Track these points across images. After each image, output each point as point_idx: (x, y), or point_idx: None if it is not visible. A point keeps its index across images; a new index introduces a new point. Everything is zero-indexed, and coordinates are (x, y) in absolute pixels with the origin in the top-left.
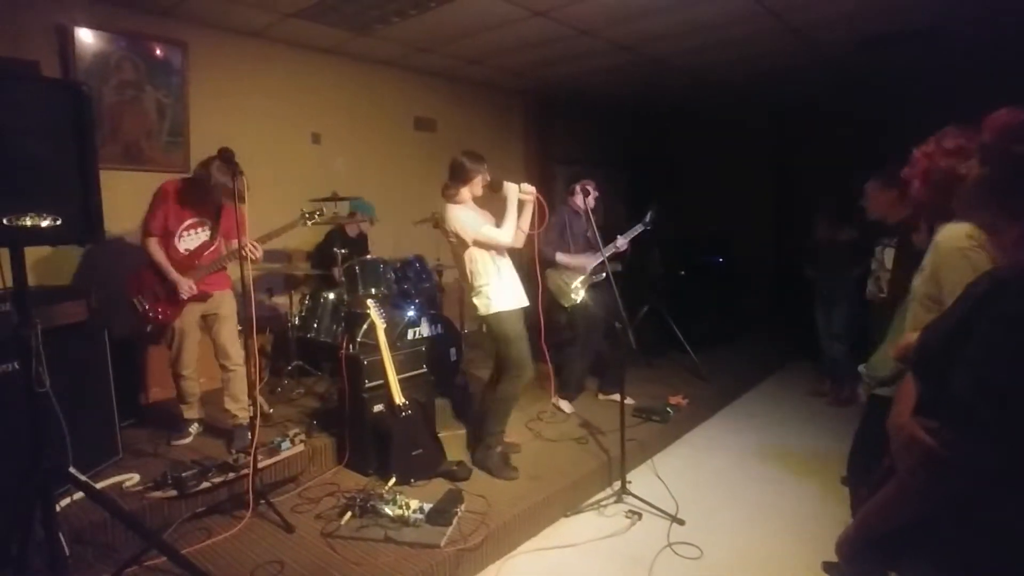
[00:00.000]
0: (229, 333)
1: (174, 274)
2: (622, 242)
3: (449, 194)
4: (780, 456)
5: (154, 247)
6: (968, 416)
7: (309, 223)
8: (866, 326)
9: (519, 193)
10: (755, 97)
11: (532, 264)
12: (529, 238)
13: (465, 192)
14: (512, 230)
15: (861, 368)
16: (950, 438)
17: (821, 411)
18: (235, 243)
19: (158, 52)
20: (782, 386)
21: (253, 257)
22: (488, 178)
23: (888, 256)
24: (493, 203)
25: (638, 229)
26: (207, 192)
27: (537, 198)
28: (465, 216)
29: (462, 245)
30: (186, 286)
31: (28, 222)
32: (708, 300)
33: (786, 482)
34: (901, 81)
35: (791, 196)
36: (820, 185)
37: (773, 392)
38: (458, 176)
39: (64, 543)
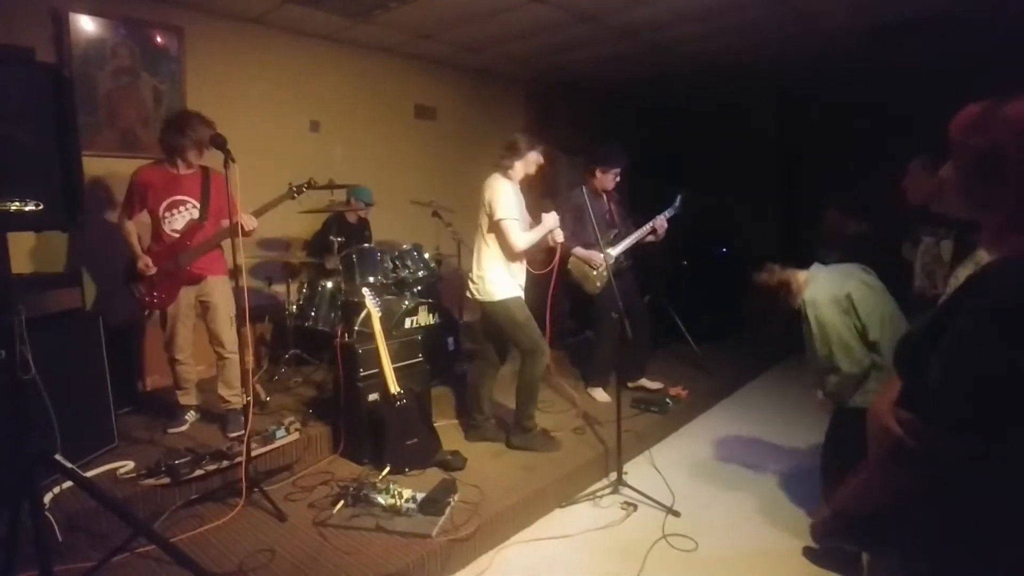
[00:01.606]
0: (222, 320)
1: (137, 250)
2: (660, 220)
3: (504, 165)
4: (779, 449)
5: (127, 227)
6: (938, 407)
7: (296, 195)
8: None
9: (552, 228)
10: (763, 86)
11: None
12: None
13: (519, 168)
14: (529, 243)
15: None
16: (919, 429)
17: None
18: (227, 222)
19: (155, 38)
20: (784, 379)
21: (248, 228)
22: (543, 161)
23: (946, 249)
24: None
25: (668, 214)
26: (180, 159)
27: (557, 249)
28: (506, 193)
29: (488, 221)
30: (142, 263)
31: (11, 207)
32: (711, 292)
33: (783, 475)
34: (915, 71)
35: (798, 187)
36: (829, 176)
37: (774, 385)
38: (513, 151)
39: (56, 529)
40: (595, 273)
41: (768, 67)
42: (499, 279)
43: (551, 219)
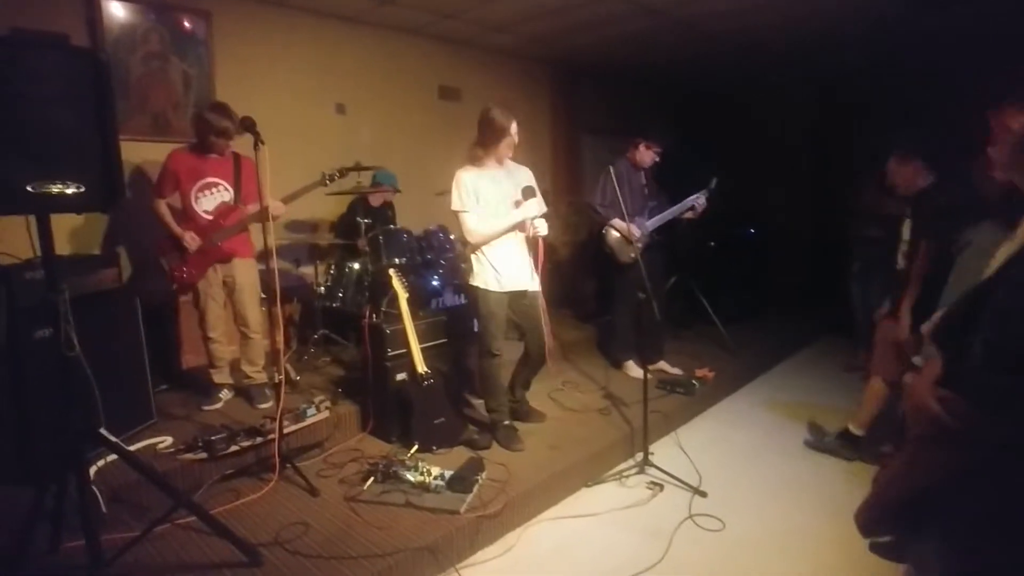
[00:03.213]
0: (249, 300)
1: (176, 228)
2: (700, 199)
3: (471, 154)
4: (805, 430)
5: (161, 207)
6: (980, 384)
7: (329, 183)
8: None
9: (534, 218)
10: (794, 64)
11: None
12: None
13: (486, 153)
14: (484, 236)
15: None
16: (960, 408)
17: (854, 386)
18: (257, 205)
19: (184, 23)
20: (813, 360)
21: (276, 214)
22: (516, 141)
23: (905, 227)
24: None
25: (704, 195)
26: (214, 146)
27: (541, 241)
28: (460, 185)
29: None
30: (188, 236)
31: (54, 190)
32: (739, 272)
33: (812, 457)
34: (951, 48)
35: (828, 167)
36: (861, 156)
37: (804, 366)
38: (481, 133)
39: (101, 501)
40: (631, 244)
41: (803, 44)
42: (479, 262)
43: (522, 210)
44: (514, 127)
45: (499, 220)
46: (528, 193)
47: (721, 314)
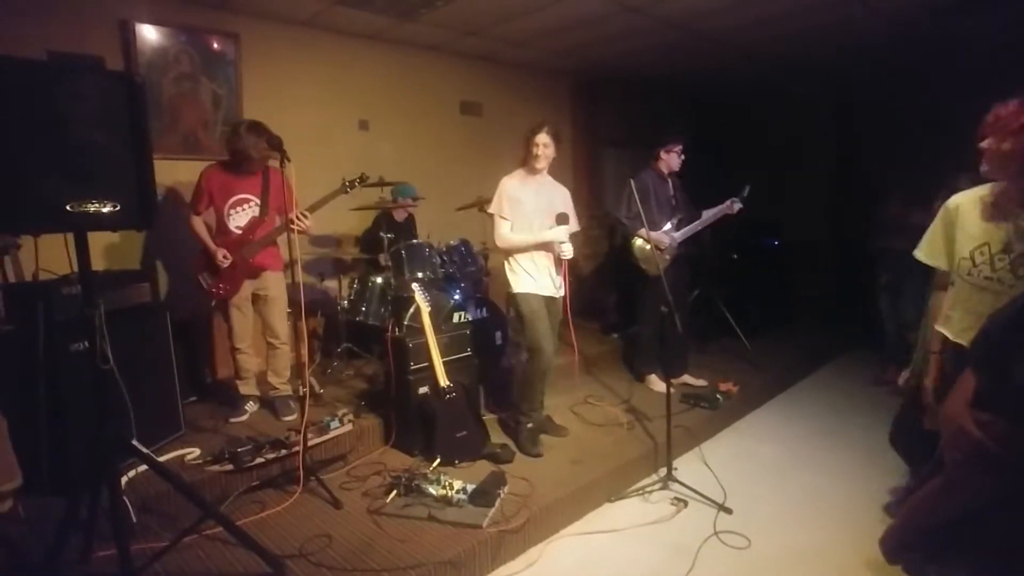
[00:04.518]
0: (278, 312)
1: (211, 244)
2: (735, 207)
3: (522, 163)
4: (833, 447)
5: (197, 224)
6: None
7: (349, 190)
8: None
9: (561, 242)
10: (816, 73)
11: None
12: None
13: (527, 164)
14: (511, 244)
15: None
16: (1003, 432)
17: (882, 401)
18: (285, 218)
19: (213, 44)
20: (840, 374)
21: (303, 226)
22: (541, 152)
23: None
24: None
25: (737, 201)
26: (246, 165)
27: (565, 264)
28: (503, 188)
29: None
30: (220, 255)
31: (91, 208)
32: (762, 285)
33: (838, 473)
34: (975, 56)
35: (851, 177)
36: (886, 166)
37: (830, 380)
38: (523, 146)
39: (131, 511)
40: (658, 255)
41: (822, 58)
42: (513, 272)
43: (553, 233)
44: (539, 137)
45: (529, 234)
46: (562, 220)
47: (745, 327)
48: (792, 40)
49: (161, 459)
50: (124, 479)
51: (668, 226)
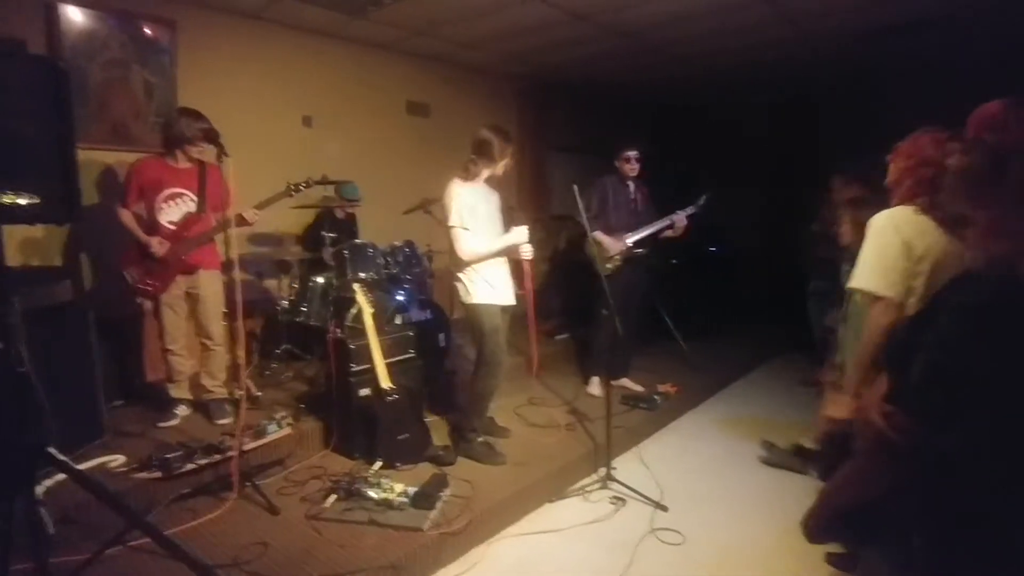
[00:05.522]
0: (213, 313)
1: (143, 235)
2: (680, 216)
3: (468, 168)
4: (765, 444)
5: (125, 216)
6: (920, 401)
7: (294, 194)
8: None
9: (520, 244)
10: (754, 86)
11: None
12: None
13: (484, 173)
14: (478, 255)
15: None
16: (901, 423)
17: (810, 400)
18: (225, 214)
19: (146, 30)
20: (773, 375)
21: (250, 221)
22: (511, 163)
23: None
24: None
25: (690, 210)
26: (182, 152)
27: (527, 264)
28: (458, 198)
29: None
30: (156, 241)
31: (6, 200)
32: (702, 289)
33: (769, 471)
34: (903, 74)
35: (787, 186)
36: (818, 176)
37: (764, 381)
38: (484, 154)
39: (49, 522)
40: (605, 257)
41: (760, 69)
42: (472, 281)
43: (516, 235)
44: (511, 149)
45: (493, 241)
46: (518, 220)
47: (683, 330)
48: (733, 55)
49: (82, 466)
50: (42, 488)
51: (624, 233)
